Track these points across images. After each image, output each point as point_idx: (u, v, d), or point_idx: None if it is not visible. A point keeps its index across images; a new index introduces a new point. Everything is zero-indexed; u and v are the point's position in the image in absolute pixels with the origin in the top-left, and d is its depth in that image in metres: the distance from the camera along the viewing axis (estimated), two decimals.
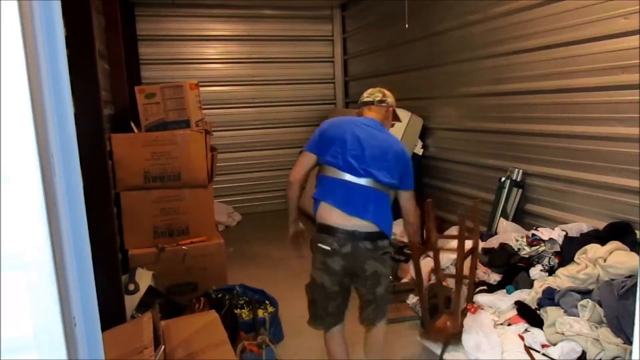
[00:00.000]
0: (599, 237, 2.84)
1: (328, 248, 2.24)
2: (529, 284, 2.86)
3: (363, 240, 2.24)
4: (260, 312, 3.16)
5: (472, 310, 2.77)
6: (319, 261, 2.30)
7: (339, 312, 2.38)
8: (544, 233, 3.07)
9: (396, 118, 2.61)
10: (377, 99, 2.50)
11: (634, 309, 0.93)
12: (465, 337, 2.54)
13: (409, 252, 4.16)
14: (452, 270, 3.31)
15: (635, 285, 2.28)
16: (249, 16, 6.71)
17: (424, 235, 4.74)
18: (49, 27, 0.85)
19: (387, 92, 2.56)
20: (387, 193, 2.34)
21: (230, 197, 6.66)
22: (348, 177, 2.28)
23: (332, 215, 2.26)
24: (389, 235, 2.34)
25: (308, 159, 2.40)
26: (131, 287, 3.06)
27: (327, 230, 2.26)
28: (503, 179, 3.81)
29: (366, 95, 2.53)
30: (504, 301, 2.79)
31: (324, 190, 2.32)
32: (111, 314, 2.49)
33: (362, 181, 2.27)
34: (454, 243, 3.17)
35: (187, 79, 3.93)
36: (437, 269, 2.70)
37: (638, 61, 2.75)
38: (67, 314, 0.82)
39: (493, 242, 3.32)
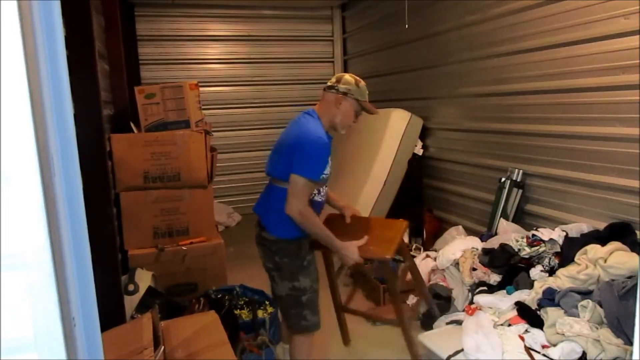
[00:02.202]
0: (599, 237, 2.83)
1: None
2: (529, 285, 2.86)
3: (257, 225, 2.42)
4: (260, 313, 3.15)
5: (472, 311, 2.77)
6: None
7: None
8: (544, 233, 3.07)
9: (364, 109, 2.36)
10: (327, 84, 2.35)
11: (635, 309, 0.93)
12: (465, 338, 2.54)
13: (414, 254, 4.14)
14: (453, 271, 3.32)
15: (635, 285, 2.28)
16: (248, 16, 6.71)
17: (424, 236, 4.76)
18: (48, 27, 0.84)
19: (345, 78, 2.33)
20: (285, 187, 2.25)
21: (230, 197, 6.66)
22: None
23: None
24: (271, 232, 2.31)
25: None
26: (131, 287, 3.06)
27: None
28: (503, 179, 3.81)
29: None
30: (504, 302, 2.79)
31: None
32: (111, 315, 2.49)
33: (269, 179, 2.43)
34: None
35: (187, 79, 3.92)
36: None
37: (638, 61, 2.75)
38: (66, 315, 0.82)
39: (493, 243, 3.32)
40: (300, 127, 2.29)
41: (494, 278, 3.09)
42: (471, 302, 3.00)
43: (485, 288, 3.05)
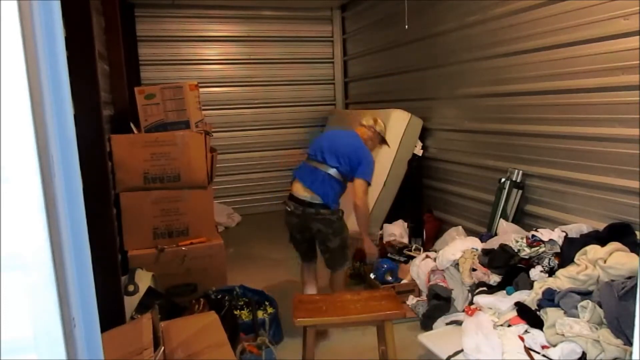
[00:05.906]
0: (599, 238, 2.83)
1: (288, 209, 3.21)
2: (529, 285, 2.85)
3: (308, 207, 3.12)
4: (259, 313, 3.16)
5: (471, 311, 2.77)
6: (285, 218, 3.29)
7: (308, 253, 3.37)
8: (543, 234, 3.07)
9: (383, 142, 3.50)
10: (367, 124, 3.40)
11: (634, 310, 0.93)
12: (464, 339, 2.54)
13: (409, 253, 4.16)
14: (453, 272, 3.32)
15: (635, 286, 2.28)
16: (248, 17, 6.72)
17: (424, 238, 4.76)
18: (48, 28, 0.84)
19: (379, 123, 3.42)
20: (336, 178, 3.15)
21: (230, 198, 6.66)
22: (311, 162, 3.23)
23: (295, 187, 3.21)
24: (330, 207, 3.12)
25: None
26: (131, 288, 3.05)
27: (291, 197, 3.21)
28: (503, 179, 3.81)
29: (364, 120, 3.44)
30: (503, 302, 2.78)
31: (298, 169, 3.31)
32: (111, 315, 2.49)
33: (318, 165, 3.17)
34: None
35: (187, 80, 3.93)
36: None
37: (638, 62, 2.75)
38: (66, 315, 0.82)
39: (493, 243, 3.32)
40: (355, 142, 3.25)
41: (494, 279, 3.09)
42: (471, 303, 3.00)
43: (485, 289, 3.05)
